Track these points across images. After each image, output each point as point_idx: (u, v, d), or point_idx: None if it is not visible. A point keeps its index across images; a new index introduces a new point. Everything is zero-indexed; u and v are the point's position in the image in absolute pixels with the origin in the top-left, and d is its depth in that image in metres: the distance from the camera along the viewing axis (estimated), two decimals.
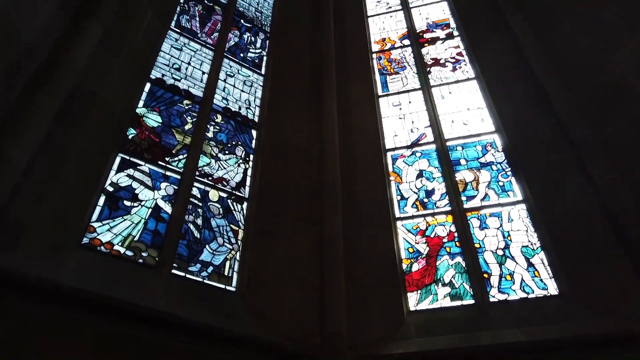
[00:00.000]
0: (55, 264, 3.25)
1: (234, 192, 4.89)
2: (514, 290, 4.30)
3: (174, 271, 3.96)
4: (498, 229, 4.79)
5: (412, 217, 5.14)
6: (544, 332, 3.64)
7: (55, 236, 3.46)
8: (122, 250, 3.84)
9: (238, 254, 4.48)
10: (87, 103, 4.18)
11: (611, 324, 3.65)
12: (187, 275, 4.03)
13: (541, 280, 4.32)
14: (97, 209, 3.92)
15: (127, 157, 4.36)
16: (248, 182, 5.09)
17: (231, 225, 4.64)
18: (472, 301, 4.30)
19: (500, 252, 4.60)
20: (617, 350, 3.51)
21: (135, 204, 4.16)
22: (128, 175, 4.28)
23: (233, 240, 4.55)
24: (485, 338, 3.73)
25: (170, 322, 3.34)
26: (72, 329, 3.02)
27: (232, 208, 4.78)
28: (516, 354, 3.59)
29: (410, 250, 4.88)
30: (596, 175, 4.42)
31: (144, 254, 3.92)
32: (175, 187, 4.48)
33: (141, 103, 4.84)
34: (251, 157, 5.33)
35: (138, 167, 4.39)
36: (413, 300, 4.47)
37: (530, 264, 4.45)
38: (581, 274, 4.10)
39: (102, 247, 3.75)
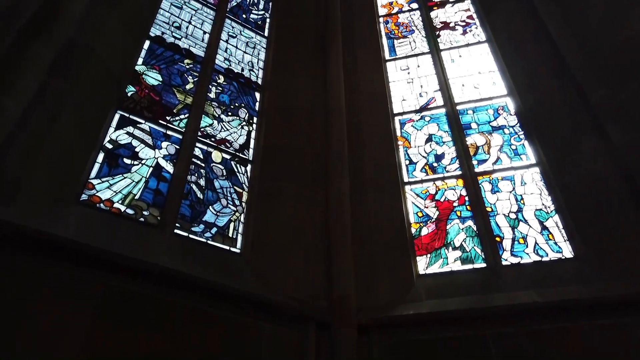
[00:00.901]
0: (53, 219, 3.10)
1: (237, 154, 4.72)
2: (527, 254, 4.17)
3: (176, 231, 3.81)
4: (510, 192, 4.64)
5: (421, 181, 4.99)
6: (560, 294, 3.52)
7: (52, 191, 3.31)
8: (122, 208, 3.69)
9: (242, 216, 4.34)
10: (84, 57, 3.98)
11: (628, 286, 3.52)
12: (190, 236, 3.88)
13: (555, 243, 4.18)
14: (96, 166, 3.76)
15: (127, 115, 4.19)
16: (252, 145, 4.92)
17: (235, 187, 4.49)
18: (483, 265, 4.17)
19: (512, 216, 4.46)
20: (634, 312, 3.39)
21: (136, 162, 4.00)
22: (128, 133, 4.11)
23: (237, 202, 4.40)
24: (498, 299, 3.61)
25: (173, 278, 3.21)
26: (71, 283, 2.89)
27: (236, 170, 4.62)
28: (532, 315, 3.46)
29: (420, 214, 4.74)
30: (614, 137, 4.24)
31: (145, 213, 3.77)
32: (177, 147, 4.31)
33: (140, 60, 4.64)
34: (255, 119, 5.14)
35: (138, 125, 4.21)
36: (422, 264, 4.34)
37: (544, 227, 4.31)
38: (597, 237, 3.95)
39: (101, 205, 3.60)
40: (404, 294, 3.97)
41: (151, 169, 4.05)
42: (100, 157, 3.82)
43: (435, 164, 5.10)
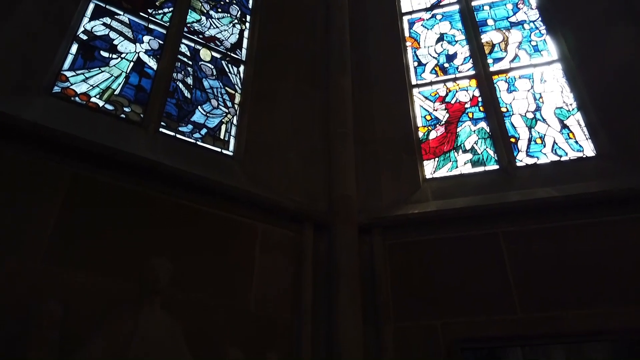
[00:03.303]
0: (21, 105, 2.79)
1: (228, 53, 4.31)
2: (545, 154, 3.83)
3: (162, 130, 3.51)
4: (528, 91, 4.22)
5: (431, 83, 4.57)
6: (580, 188, 3.21)
7: (18, 79, 2.98)
8: (100, 103, 3.37)
9: (235, 118, 4.01)
10: None
11: None
12: (178, 135, 3.58)
13: (576, 142, 3.83)
14: (70, 57, 3.40)
15: (102, 5, 3.77)
16: (245, 44, 4.49)
17: (226, 88, 4.12)
18: (496, 166, 3.86)
19: (530, 115, 4.08)
20: None
21: (114, 56, 3.63)
22: (104, 25, 3.71)
23: (229, 104, 4.05)
24: (512, 196, 3.32)
25: (155, 172, 2.93)
26: (38, 172, 2.62)
27: (228, 70, 4.23)
28: (548, 212, 3.17)
29: (428, 117, 4.37)
30: None
31: (127, 109, 3.46)
32: (161, 42, 3.91)
33: None
34: (248, 17, 4.68)
35: (116, 17, 3.80)
36: (430, 168, 4.03)
37: (564, 126, 3.94)
38: (624, 132, 3.58)
39: (76, 98, 3.28)
40: (408, 196, 3.69)
41: (132, 63, 3.68)
42: (74, 48, 3.45)
43: (446, 65, 4.66)
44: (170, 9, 4.14)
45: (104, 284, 2.49)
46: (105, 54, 3.59)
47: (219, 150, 3.74)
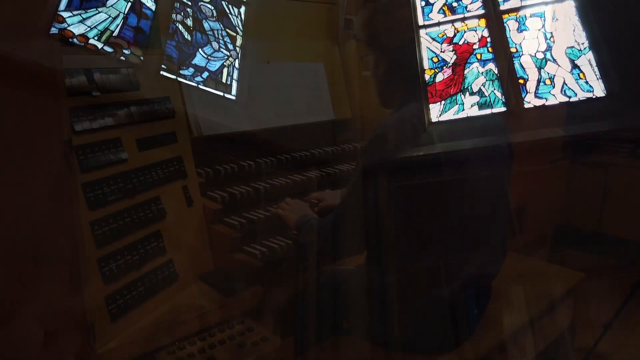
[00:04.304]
0: (19, 45, 2.74)
1: None
2: (554, 95, 3.74)
3: (162, 73, 3.46)
4: (539, 30, 4.07)
5: (439, 24, 4.40)
6: (589, 127, 3.17)
7: (13, 19, 2.90)
8: (99, 45, 3.30)
9: (237, 61, 3.93)
10: None
11: None
12: (179, 79, 3.54)
13: (586, 82, 3.73)
14: None
15: None
16: None
17: (227, 30, 4.02)
18: (503, 108, 3.79)
19: (540, 55, 3.95)
20: None
21: None
22: None
23: (230, 47, 3.97)
24: (520, 137, 3.28)
25: None
26: (42, 117, 2.61)
27: (228, 11, 4.11)
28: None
29: (435, 60, 4.25)
30: None
31: (126, 52, 3.39)
32: None
33: None
34: None
35: None
36: (435, 112, 3.96)
37: (575, 66, 3.82)
38: (635, 71, 3.49)
39: (74, 40, 3.21)
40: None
41: (129, 4, 3.57)
42: None
43: (454, 4, 4.47)
44: None
45: None
46: None
47: (221, 94, 3.70)
